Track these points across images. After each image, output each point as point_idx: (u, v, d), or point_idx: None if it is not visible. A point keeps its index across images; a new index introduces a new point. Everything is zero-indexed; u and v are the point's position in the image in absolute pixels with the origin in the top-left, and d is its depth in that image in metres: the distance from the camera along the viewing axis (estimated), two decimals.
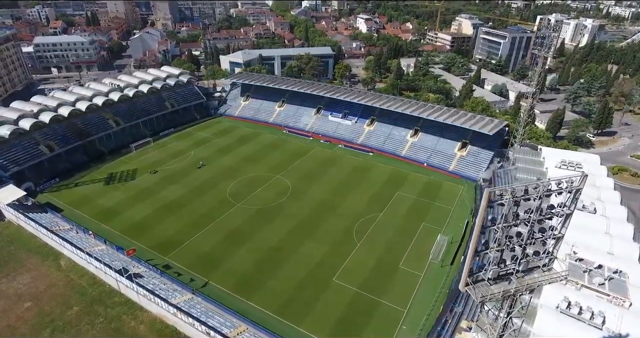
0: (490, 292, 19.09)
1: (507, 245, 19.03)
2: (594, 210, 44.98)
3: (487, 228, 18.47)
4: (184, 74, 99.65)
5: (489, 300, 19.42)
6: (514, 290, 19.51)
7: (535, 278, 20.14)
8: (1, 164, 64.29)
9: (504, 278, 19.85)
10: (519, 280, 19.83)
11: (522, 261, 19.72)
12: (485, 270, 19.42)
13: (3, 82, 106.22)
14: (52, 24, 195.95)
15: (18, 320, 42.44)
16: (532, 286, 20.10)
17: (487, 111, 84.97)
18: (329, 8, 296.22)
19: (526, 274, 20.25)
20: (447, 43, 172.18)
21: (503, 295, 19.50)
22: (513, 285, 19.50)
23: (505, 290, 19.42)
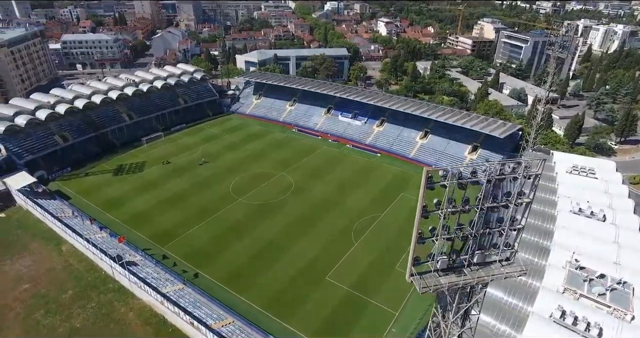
0: (437, 283, 18.04)
1: (458, 233, 17.94)
2: (602, 218, 42.52)
3: (430, 213, 17.48)
4: (198, 71, 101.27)
5: (433, 291, 18.35)
6: (463, 283, 18.35)
7: (492, 273, 18.90)
8: (16, 151, 66.71)
9: (456, 271, 18.73)
10: (472, 273, 18.66)
11: (477, 253, 18.55)
12: (434, 260, 18.37)
13: (28, 76, 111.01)
14: (82, 23, 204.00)
15: (15, 301, 43.55)
16: (485, 280, 18.87)
17: (501, 114, 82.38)
18: (351, 12, 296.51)
19: (482, 267, 19.05)
20: (468, 47, 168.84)
21: (449, 287, 18.36)
22: (462, 277, 18.35)
23: (452, 283, 18.31)
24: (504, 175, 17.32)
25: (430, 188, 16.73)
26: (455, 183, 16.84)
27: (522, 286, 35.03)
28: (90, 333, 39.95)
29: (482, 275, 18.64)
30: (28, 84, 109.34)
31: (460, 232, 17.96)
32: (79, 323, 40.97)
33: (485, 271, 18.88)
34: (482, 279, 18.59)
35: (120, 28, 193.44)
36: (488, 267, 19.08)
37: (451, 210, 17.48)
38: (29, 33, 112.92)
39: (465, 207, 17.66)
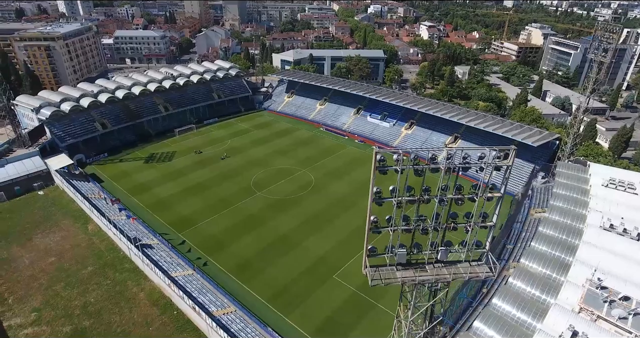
0: (389, 277, 17.09)
1: (418, 226, 16.88)
2: (636, 237, 38.76)
3: (384, 199, 16.51)
4: (234, 68, 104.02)
5: (385, 285, 17.39)
6: (420, 280, 17.25)
7: (455, 271, 17.64)
8: (59, 135, 71.65)
9: (418, 266, 17.66)
10: (434, 270, 17.51)
11: (441, 249, 17.41)
12: (391, 253, 17.42)
13: (80, 68, 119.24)
14: (135, 21, 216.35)
15: (40, 272, 46.62)
16: (445, 278, 17.63)
17: (538, 122, 77.69)
18: (395, 15, 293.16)
19: (447, 265, 17.83)
20: (513, 53, 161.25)
21: (404, 283, 17.34)
22: (419, 274, 17.25)
23: (408, 278, 17.27)
24: (468, 164, 16.16)
25: (382, 172, 15.88)
26: (411, 169, 15.83)
27: (533, 301, 32.67)
28: (101, 307, 41.92)
29: (443, 273, 17.50)
30: (79, 74, 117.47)
31: (420, 223, 16.87)
32: (93, 298, 43.12)
33: (448, 269, 17.72)
34: (443, 277, 17.44)
35: (170, 26, 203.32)
36: (453, 266, 17.89)
37: (408, 198, 16.52)
38: (84, 28, 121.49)
39: (425, 197, 16.63)
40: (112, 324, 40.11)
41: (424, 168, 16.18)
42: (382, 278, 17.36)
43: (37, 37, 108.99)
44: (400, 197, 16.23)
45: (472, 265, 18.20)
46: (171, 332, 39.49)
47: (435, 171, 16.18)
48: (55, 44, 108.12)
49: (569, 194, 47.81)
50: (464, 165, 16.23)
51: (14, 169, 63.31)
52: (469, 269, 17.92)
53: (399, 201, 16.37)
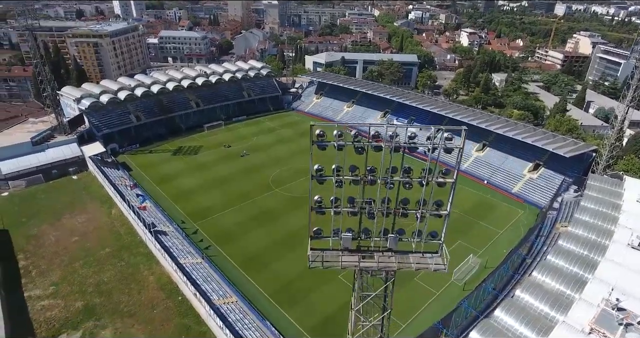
0: (329, 261, 16.48)
1: (363, 209, 16.15)
2: None
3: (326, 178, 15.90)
4: (266, 68, 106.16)
5: (324, 268, 16.76)
6: (363, 266, 16.49)
7: (403, 261, 16.74)
8: (96, 124, 76.14)
9: (366, 253, 16.92)
10: (382, 258, 16.69)
11: (390, 236, 16.58)
12: (337, 236, 16.78)
13: (124, 64, 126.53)
14: (181, 22, 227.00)
15: (63, 249, 49.54)
16: (390, 267, 16.75)
17: (574, 132, 73.01)
18: (436, 22, 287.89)
19: (397, 254, 16.95)
20: (558, 62, 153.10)
21: (343, 267, 16.65)
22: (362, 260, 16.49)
23: (349, 264, 16.57)
24: (414, 144, 15.36)
25: (321, 148, 15.38)
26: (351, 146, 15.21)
27: (539, 317, 30.53)
28: (113, 287, 43.84)
29: (389, 262, 16.73)
30: (123, 70, 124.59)
31: (366, 207, 16.16)
32: (106, 277, 45.20)
33: (397, 258, 16.92)
34: (387, 266, 16.66)
35: (212, 28, 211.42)
36: (404, 255, 17.06)
37: (350, 178, 15.92)
38: (130, 27, 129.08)
39: (368, 178, 15.95)
40: (120, 303, 41.80)
41: (365, 145, 15.58)
42: (323, 261, 16.91)
43: (86, 35, 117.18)
44: (340, 176, 15.69)
45: (424, 257, 17.33)
46: (173, 317, 40.52)
47: (379, 150, 15.53)
48: (102, 41, 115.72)
49: (597, 208, 44.57)
50: (410, 145, 15.46)
51: (53, 153, 67.92)
52: (420, 260, 17.08)
53: (339, 180, 15.82)
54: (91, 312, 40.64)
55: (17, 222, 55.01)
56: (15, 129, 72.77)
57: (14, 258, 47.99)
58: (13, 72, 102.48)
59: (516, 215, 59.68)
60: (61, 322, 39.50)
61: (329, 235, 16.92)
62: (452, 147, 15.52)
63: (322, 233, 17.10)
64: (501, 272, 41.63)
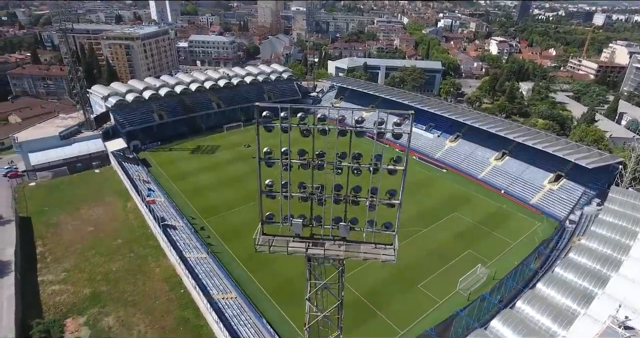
0: (276, 246, 16.24)
1: (313, 195, 15.83)
2: None
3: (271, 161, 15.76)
4: (287, 72, 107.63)
5: (270, 253, 16.53)
6: (309, 254, 16.13)
7: (352, 250, 16.30)
8: (121, 122, 79.41)
9: (318, 240, 16.57)
10: (332, 247, 16.29)
11: (341, 225, 16.19)
12: (288, 221, 16.53)
13: (154, 66, 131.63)
14: (212, 28, 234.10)
15: (79, 238, 51.67)
16: (338, 256, 16.33)
17: (601, 143, 69.46)
18: (465, 30, 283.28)
19: (349, 244, 16.52)
20: (592, 72, 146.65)
21: (290, 253, 16.35)
22: (309, 248, 16.12)
23: (295, 250, 16.26)
24: (362, 128, 15.05)
25: (267, 129, 15.32)
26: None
27: (539, 331, 29.04)
28: (120, 277, 45.25)
29: (336, 250, 16.38)
30: (152, 72, 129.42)
31: (316, 193, 15.90)
32: (115, 267, 46.73)
33: (347, 247, 16.55)
34: (334, 254, 16.30)
35: (241, 33, 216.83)
36: (355, 245, 16.68)
37: (298, 161, 15.75)
38: (160, 30, 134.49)
39: (316, 162, 15.71)
40: (125, 293, 43.05)
41: (312, 128, 15.45)
42: (271, 245, 16.80)
43: (119, 37, 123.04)
44: (287, 159, 15.63)
45: (376, 247, 16.91)
46: (174, 309, 41.31)
47: (325, 133, 15.37)
48: (133, 44, 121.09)
49: (616, 222, 42.19)
50: (357, 128, 15.23)
51: (79, 148, 71.33)
52: (371, 250, 16.68)
53: (285, 163, 15.75)
54: (97, 299, 42.07)
55: (40, 210, 57.93)
56: (47, 124, 76.95)
57: (32, 245, 50.50)
58: (51, 71, 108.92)
59: (532, 227, 57.28)
60: (68, 306, 41.09)
61: (284, 221, 16.92)
62: (401, 132, 15.16)
63: (274, 218, 17.16)
64: (508, 284, 40.02)
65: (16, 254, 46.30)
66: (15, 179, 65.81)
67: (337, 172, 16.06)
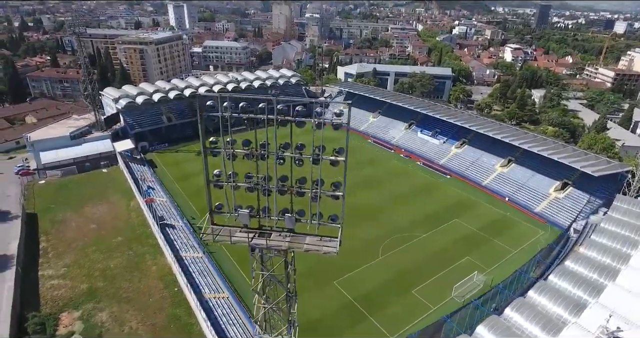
0: (221, 235, 16.26)
1: (258, 185, 15.84)
2: None
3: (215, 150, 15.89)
4: (295, 76, 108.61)
5: (215, 241, 16.54)
6: (253, 244, 16.09)
7: (295, 241, 16.19)
8: (130, 123, 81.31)
9: (265, 231, 16.56)
10: (277, 238, 16.24)
11: (287, 216, 16.12)
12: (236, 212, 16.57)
13: (167, 70, 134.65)
14: (227, 34, 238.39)
15: (81, 235, 52.92)
16: (280, 247, 16.25)
17: (610, 151, 67.52)
18: (480, 37, 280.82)
19: (294, 235, 16.42)
20: (609, 80, 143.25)
21: (234, 243, 16.35)
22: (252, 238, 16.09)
23: (239, 240, 16.24)
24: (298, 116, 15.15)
25: (210, 118, 15.50)
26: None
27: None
28: (117, 273, 46.06)
29: (279, 241, 16.36)
30: (165, 75, 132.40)
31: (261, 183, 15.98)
32: (113, 264, 47.62)
33: (292, 239, 16.50)
34: (277, 245, 16.26)
35: (255, 39, 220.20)
36: (300, 237, 16.61)
37: (242, 152, 15.87)
38: (174, 36, 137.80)
39: (259, 152, 15.82)
40: (120, 289, 43.77)
41: (247, 116, 15.63)
42: (216, 234, 16.90)
43: (134, 41, 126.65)
44: (230, 149, 15.78)
45: (322, 239, 16.83)
46: (166, 306, 41.75)
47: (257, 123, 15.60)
48: (147, 48, 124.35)
49: (618, 231, 40.94)
50: (296, 120, 15.32)
51: (88, 148, 73.38)
52: (315, 242, 16.61)
53: (228, 153, 15.91)
54: (93, 295, 42.88)
55: (47, 207, 59.61)
56: (60, 124, 79.45)
57: (37, 240, 51.95)
58: (67, 74, 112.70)
59: (535, 235, 55.96)
60: (65, 301, 42.01)
61: (233, 211, 17.13)
62: (340, 123, 15.21)
63: (223, 208, 17.40)
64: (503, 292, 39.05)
65: (19, 248, 47.75)
66: (26, 177, 68.01)
67: (279, 162, 16.22)
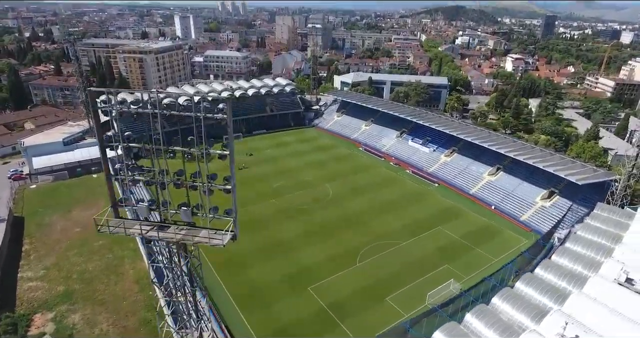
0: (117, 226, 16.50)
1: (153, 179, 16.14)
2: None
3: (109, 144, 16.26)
4: (290, 85, 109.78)
5: (111, 233, 16.77)
6: (147, 236, 16.29)
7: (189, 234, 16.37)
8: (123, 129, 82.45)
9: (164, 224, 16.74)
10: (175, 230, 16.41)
11: (182, 209, 16.31)
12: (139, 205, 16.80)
13: (166, 79, 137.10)
14: (231, 44, 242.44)
15: (64, 238, 53.66)
16: (170, 239, 16.41)
17: (599, 160, 66.80)
18: (483, 47, 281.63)
19: (189, 228, 16.61)
20: (609, 89, 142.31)
21: (129, 235, 16.56)
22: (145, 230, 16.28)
23: (133, 232, 16.44)
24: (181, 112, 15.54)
25: (103, 112, 16.03)
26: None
27: None
28: (95, 276, 46.47)
29: (171, 233, 16.60)
30: (164, 84, 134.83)
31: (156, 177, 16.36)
32: (92, 267, 48.11)
33: (188, 232, 16.73)
34: (168, 237, 16.48)
35: (258, 49, 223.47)
36: (194, 230, 16.85)
37: (136, 145, 16.27)
38: (174, 45, 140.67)
39: (150, 147, 16.19)
40: (96, 292, 44.14)
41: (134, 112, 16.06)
42: (113, 226, 17.19)
43: (133, 51, 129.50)
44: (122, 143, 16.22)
45: (217, 233, 17.05)
46: (139, 309, 41.93)
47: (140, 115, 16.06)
48: (146, 57, 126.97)
49: (593, 239, 40.45)
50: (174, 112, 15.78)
51: (80, 153, 74.64)
52: (207, 235, 16.82)
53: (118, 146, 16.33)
54: (69, 297, 43.28)
55: (35, 211, 60.61)
56: (55, 130, 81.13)
57: (21, 243, 52.73)
58: (68, 82, 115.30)
59: (518, 244, 55.26)
60: (40, 302, 42.46)
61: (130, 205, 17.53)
62: (220, 119, 15.58)
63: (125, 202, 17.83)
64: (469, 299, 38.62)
65: (2, 250, 48.48)
66: (18, 181, 69.32)
67: (169, 156, 16.65)
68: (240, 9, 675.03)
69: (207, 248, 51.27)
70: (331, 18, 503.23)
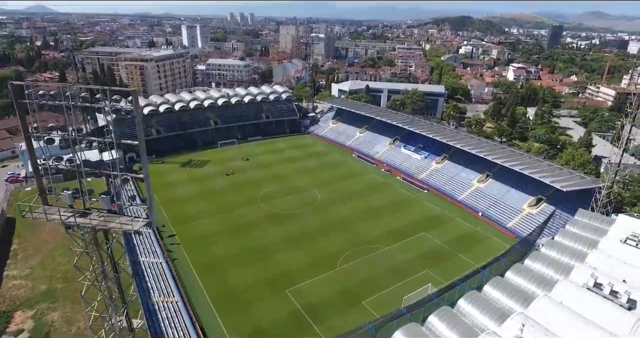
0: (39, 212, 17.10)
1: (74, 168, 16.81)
2: (626, 303, 30.71)
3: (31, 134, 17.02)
4: (286, 92, 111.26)
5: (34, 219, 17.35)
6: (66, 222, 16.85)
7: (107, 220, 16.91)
8: (119, 134, 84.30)
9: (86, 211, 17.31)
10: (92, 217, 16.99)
11: (101, 197, 16.89)
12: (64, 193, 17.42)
13: (167, 86, 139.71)
14: (235, 53, 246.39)
15: (52, 239, 54.53)
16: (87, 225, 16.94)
17: (587, 167, 66.42)
18: (487, 57, 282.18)
19: (109, 215, 17.15)
20: (610, 98, 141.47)
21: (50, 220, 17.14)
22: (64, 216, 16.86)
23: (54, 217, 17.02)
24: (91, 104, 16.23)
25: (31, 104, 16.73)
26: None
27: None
28: (78, 275, 47.14)
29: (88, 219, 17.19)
30: (165, 91, 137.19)
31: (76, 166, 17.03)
32: None
33: (106, 219, 17.30)
34: (85, 223, 17.07)
35: (261, 58, 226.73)
36: (112, 217, 17.41)
37: (57, 137, 16.99)
38: (175, 53, 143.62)
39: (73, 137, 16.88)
40: (76, 291, 44.62)
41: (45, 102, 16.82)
42: (37, 212, 17.83)
43: (135, 58, 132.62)
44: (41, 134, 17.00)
45: (134, 220, 17.58)
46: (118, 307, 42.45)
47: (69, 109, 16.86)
48: (147, 65, 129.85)
49: (569, 244, 40.32)
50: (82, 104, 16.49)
51: None
52: (123, 221, 17.37)
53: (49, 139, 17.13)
54: (50, 295, 44.03)
55: None
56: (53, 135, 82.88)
57: (10, 243, 53.87)
58: None
59: (501, 250, 54.46)
60: (22, 300, 43.24)
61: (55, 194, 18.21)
62: (125, 109, 16.26)
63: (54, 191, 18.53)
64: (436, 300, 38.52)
65: None
66: (14, 184, 70.95)
67: (87, 146, 17.36)
68: (249, 19, 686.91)
69: (190, 250, 52.09)
70: (337, 28, 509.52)
